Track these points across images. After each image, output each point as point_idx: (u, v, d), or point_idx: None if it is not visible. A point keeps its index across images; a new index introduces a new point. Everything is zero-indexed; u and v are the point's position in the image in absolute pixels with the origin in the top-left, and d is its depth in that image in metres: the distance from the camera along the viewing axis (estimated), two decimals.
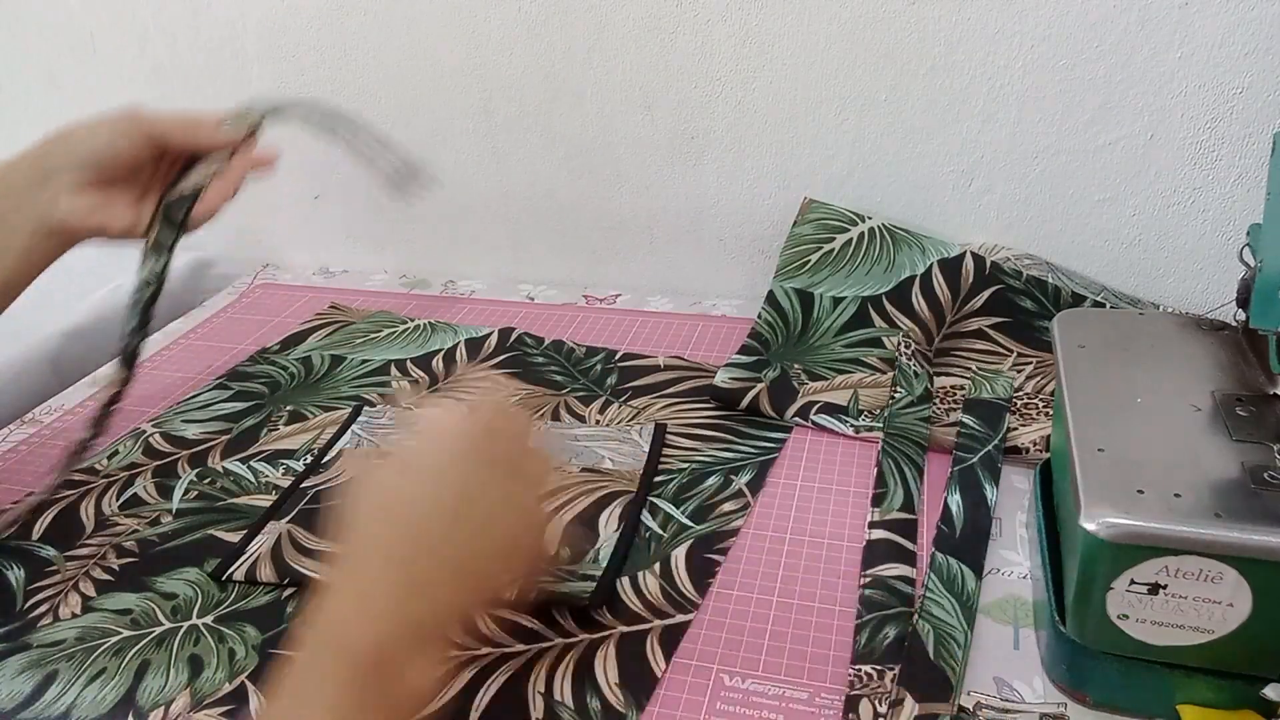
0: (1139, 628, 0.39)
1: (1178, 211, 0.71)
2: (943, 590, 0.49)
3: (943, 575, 0.50)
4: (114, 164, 0.56)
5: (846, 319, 0.73)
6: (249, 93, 0.89)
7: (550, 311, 0.85)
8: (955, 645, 0.46)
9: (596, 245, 0.89)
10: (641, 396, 0.70)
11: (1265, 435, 0.41)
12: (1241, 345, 0.48)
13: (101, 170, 0.55)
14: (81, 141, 0.56)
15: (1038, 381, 0.67)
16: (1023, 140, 0.72)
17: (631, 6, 0.76)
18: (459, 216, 0.92)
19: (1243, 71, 0.65)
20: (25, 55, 0.95)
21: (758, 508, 0.58)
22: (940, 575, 0.50)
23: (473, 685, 0.46)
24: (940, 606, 0.48)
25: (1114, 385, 0.46)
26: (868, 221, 0.76)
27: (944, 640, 0.46)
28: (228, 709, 0.46)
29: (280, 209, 0.97)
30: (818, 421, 0.65)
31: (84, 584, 0.55)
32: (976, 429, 0.61)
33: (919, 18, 0.70)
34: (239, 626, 0.51)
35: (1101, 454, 0.41)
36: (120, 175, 0.57)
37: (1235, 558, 0.37)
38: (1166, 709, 0.41)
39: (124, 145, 0.56)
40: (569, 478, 0.61)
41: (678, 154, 0.81)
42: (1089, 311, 0.55)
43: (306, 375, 0.76)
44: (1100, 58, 0.67)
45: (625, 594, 0.51)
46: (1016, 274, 0.70)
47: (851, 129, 0.76)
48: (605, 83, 0.80)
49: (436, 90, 0.85)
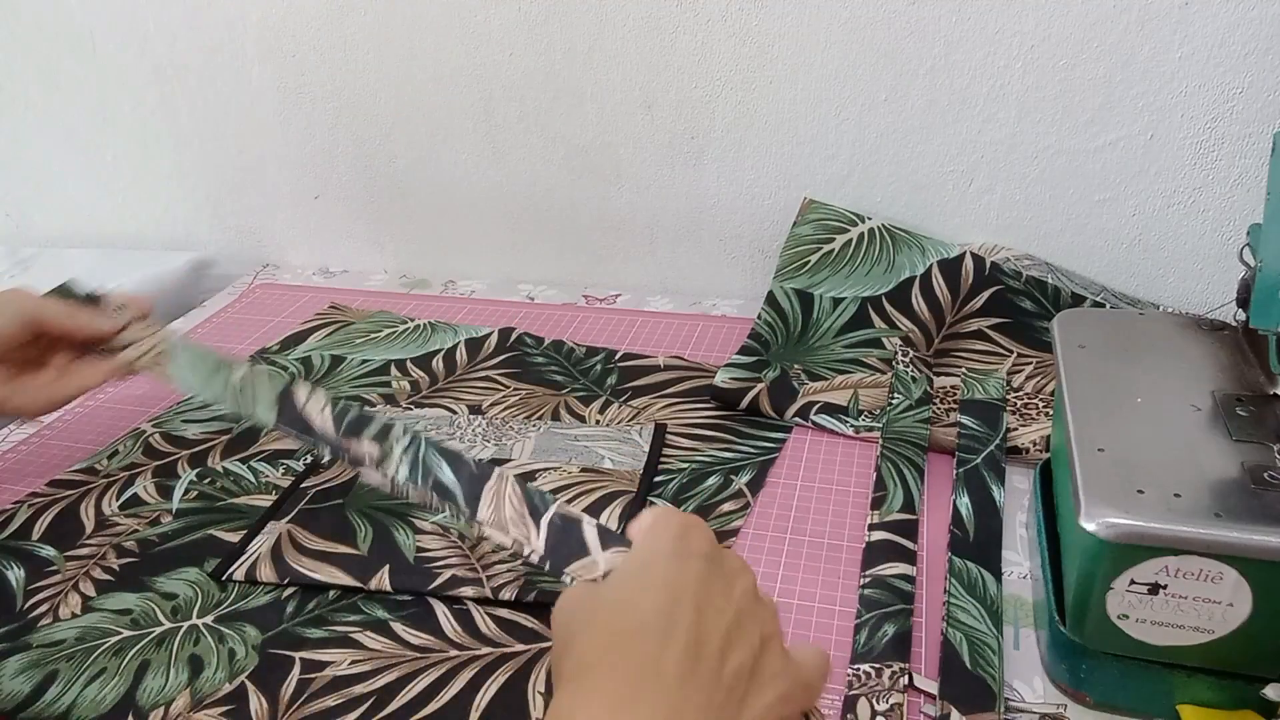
0: (1139, 628, 0.39)
1: (1178, 211, 0.71)
2: (966, 595, 0.49)
3: (963, 580, 0.50)
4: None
5: (846, 319, 0.73)
6: (249, 93, 0.90)
7: (550, 311, 0.85)
8: (990, 652, 0.45)
9: (596, 245, 0.89)
10: (641, 396, 0.70)
11: (1265, 435, 0.41)
12: (1241, 345, 0.48)
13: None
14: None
15: (1038, 381, 0.67)
16: (1023, 140, 0.72)
17: (631, 6, 0.76)
18: (459, 216, 0.92)
19: (1243, 71, 0.65)
20: (25, 55, 0.95)
21: (758, 508, 0.58)
22: (961, 580, 0.50)
23: (473, 685, 0.46)
24: (967, 613, 0.48)
25: (1114, 385, 0.46)
26: (867, 222, 0.76)
27: (978, 648, 0.45)
28: (228, 709, 0.46)
29: (280, 209, 0.97)
30: (818, 421, 0.65)
31: (84, 584, 0.55)
32: (976, 429, 0.61)
33: (919, 18, 0.70)
34: (239, 626, 0.51)
35: (1101, 454, 0.41)
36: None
37: (1235, 558, 0.37)
38: (1166, 709, 0.41)
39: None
40: (569, 477, 0.61)
41: (678, 154, 0.81)
42: (1089, 311, 0.55)
43: (306, 375, 0.76)
44: (1100, 58, 0.67)
45: None
46: (1016, 274, 0.71)
47: (851, 129, 0.76)
48: (605, 83, 0.80)
49: (436, 90, 0.85)
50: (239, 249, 1.01)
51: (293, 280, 0.97)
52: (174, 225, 1.02)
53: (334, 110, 0.89)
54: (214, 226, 1.01)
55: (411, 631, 0.50)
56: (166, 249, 1.02)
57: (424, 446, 0.47)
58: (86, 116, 0.97)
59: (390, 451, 0.48)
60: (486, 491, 0.44)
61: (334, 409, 0.51)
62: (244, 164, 0.95)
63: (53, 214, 1.07)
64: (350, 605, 0.52)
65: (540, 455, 0.63)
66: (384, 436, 0.49)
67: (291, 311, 0.88)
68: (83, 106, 0.97)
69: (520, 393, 0.71)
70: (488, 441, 0.65)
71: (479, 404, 0.70)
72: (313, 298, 0.91)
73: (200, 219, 1.01)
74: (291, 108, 0.90)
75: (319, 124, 0.90)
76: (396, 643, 0.49)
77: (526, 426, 0.67)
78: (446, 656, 0.48)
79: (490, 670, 0.47)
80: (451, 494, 0.45)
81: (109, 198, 1.03)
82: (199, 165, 0.97)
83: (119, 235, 1.05)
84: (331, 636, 0.50)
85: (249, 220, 1.00)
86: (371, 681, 0.47)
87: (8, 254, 1.02)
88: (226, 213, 1.00)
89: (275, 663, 0.48)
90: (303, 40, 0.86)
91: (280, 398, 0.53)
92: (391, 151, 0.90)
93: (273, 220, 0.98)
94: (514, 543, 0.42)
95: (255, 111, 0.91)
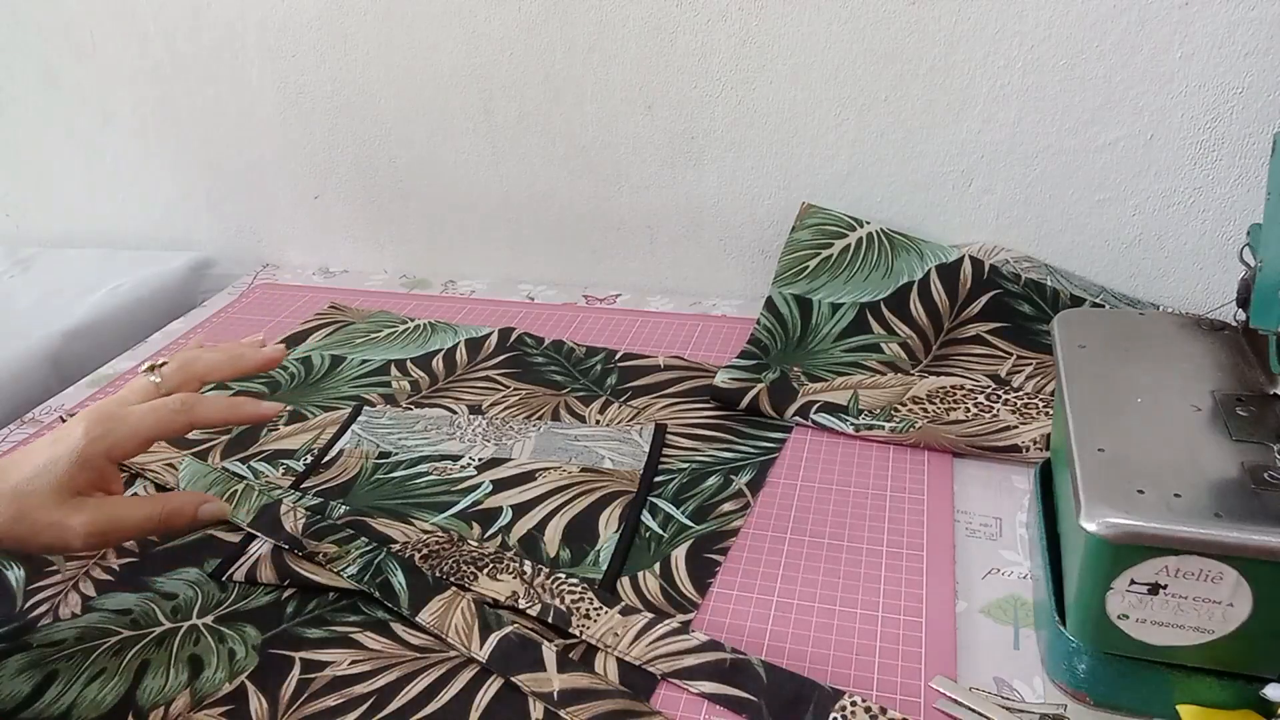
0: (1139, 628, 0.39)
1: (1178, 211, 0.71)
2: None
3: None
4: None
5: (845, 325, 0.73)
6: (249, 93, 0.90)
7: (550, 311, 0.85)
8: None
9: (596, 245, 0.89)
10: (641, 396, 0.70)
11: (1265, 435, 0.41)
12: (1241, 345, 0.48)
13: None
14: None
15: (1038, 381, 0.67)
16: (1023, 140, 0.72)
17: (631, 6, 0.76)
18: (459, 217, 0.92)
19: (1243, 71, 0.65)
20: (25, 55, 0.96)
21: (758, 508, 0.58)
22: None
23: (473, 685, 0.46)
24: None
25: (1114, 385, 0.46)
26: (866, 227, 0.76)
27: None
28: (228, 709, 0.46)
29: (280, 209, 0.97)
30: (818, 421, 0.65)
31: (84, 584, 0.55)
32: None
33: (919, 18, 0.70)
34: (239, 626, 0.51)
35: (1101, 454, 0.41)
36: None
37: (1235, 558, 0.37)
38: (1166, 709, 0.41)
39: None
40: (569, 477, 0.61)
41: (678, 154, 0.81)
42: (1089, 312, 0.55)
43: (306, 375, 0.76)
44: (1100, 58, 0.67)
45: (625, 594, 0.51)
46: (1015, 277, 0.70)
47: (851, 129, 0.76)
48: (605, 83, 0.80)
49: (436, 90, 0.85)
50: (239, 249, 1.01)
51: (293, 280, 0.97)
52: (174, 225, 1.02)
53: (334, 110, 0.89)
54: (214, 226, 1.01)
55: (411, 631, 0.50)
56: (166, 249, 1.02)
57: (384, 554, 0.53)
58: (86, 116, 0.97)
59: (347, 554, 0.54)
60: (436, 600, 0.50)
61: (307, 519, 0.56)
62: (244, 164, 0.95)
63: (53, 214, 1.07)
64: (350, 605, 0.52)
65: (540, 455, 0.63)
66: (346, 541, 0.54)
67: (291, 311, 0.88)
68: (83, 106, 0.97)
69: (520, 393, 0.71)
70: (488, 441, 0.65)
71: (479, 404, 0.70)
72: (313, 298, 0.91)
73: (200, 219, 1.01)
74: (291, 108, 0.90)
75: (319, 124, 0.90)
76: (396, 643, 0.49)
77: (526, 426, 0.67)
78: (446, 656, 0.48)
79: (490, 670, 0.47)
80: (397, 596, 0.51)
81: (109, 198, 1.03)
82: (199, 165, 0.97)
83: (119, 235, 1.05)
84: (331, 636, 0.50)
85: (249, 220, 1.00)
86: (371, 681, 0.47)
87: (8, 254, 1.02)
88: (226, 213, 1.00)
89: (275, 663, 0.48)
90: (303, 40, 0.86)
91: (263, 509, 0.57)
92: (391, 151, 0.90)
93: (273, 220, 0.99)
94: (459, 642, 0.48)
95: (255, 111, 0.91)
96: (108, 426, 0.49)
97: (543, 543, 0.55)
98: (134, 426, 0.50)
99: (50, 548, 0.48)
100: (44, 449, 0.49)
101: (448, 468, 0.63)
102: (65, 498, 0.48)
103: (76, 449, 0.48)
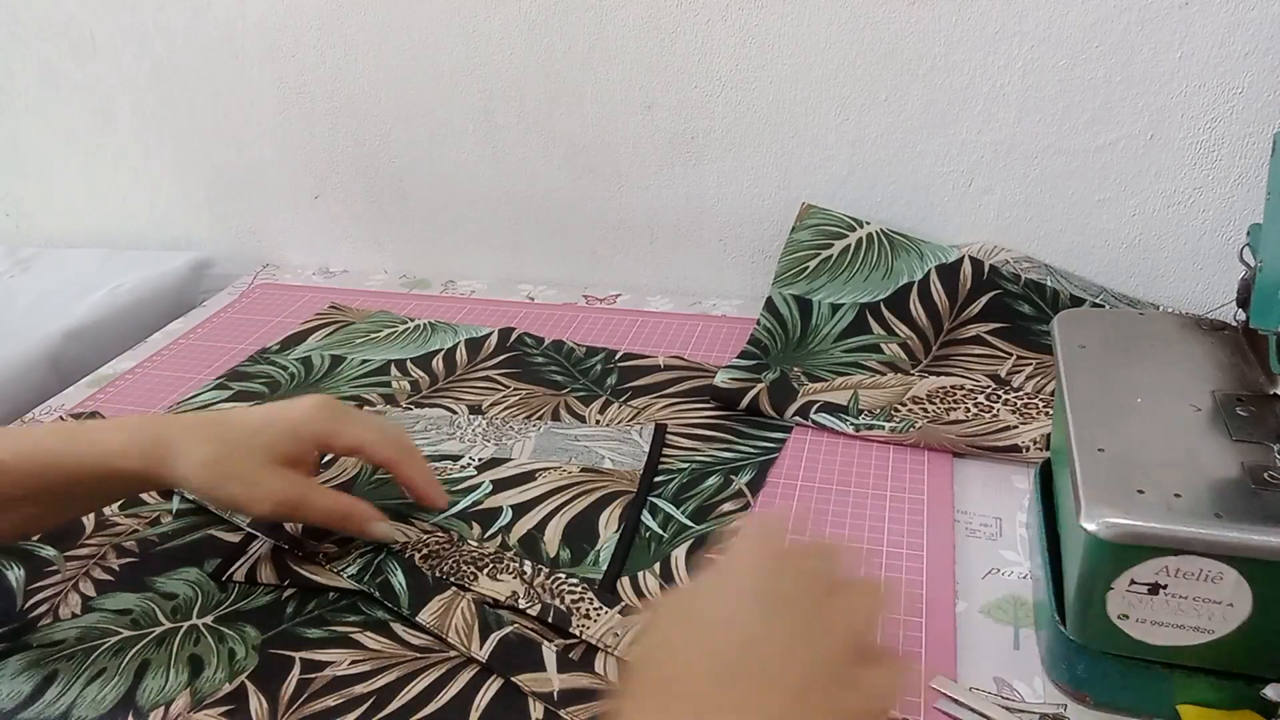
0: (1139, 628, 0.39)
1: (1178, 211, 0.71)
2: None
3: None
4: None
5: (845, 326, 0.73)
6: (249, 93, 0.90)
7: (550, 311, 0.85)
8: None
9: (596, 245, 0.89)
10: (641, 396, 0.70)
11: (1265, 435, 0.41)
12: (1241, 345, 0.48)
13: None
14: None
15: (1038, 381, 0.67)
16: (1023, 140, 0.72)
17: (631, 6, 0.76)
18: (459, 216, 0.92)
19: (1243, 71, 0.65)
20: (25, 55, 0.95)
21: (758, 508, 0.58)
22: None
23: (473, 685, 0.46)
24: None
25: (1114, 385, 0.46)
26: (865, 227, 0.76)
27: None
28: (228, 709, 0.46)
29: (280, 209, 0.97)
30: (818, 420, 0.65)
31: (84, 584, 0.55)
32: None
33: (919, 18, 0.70)
34: (239, 626, 0.51)
35: (1101, 454, 0.41)
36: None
37: (1235, 558, 0.37)
38: (1166, 709, 0.41)
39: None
40: (569, 477, 0.61)
41: (678, 154, 0.81)
42: (1089, 312, 0.55)
43: (306, 375, 0.76)
44: (1100, 58, 0.67)
45: (625, 594, 0.51)
46: (1014, 278, 0.70)
47: (851, 129, 0.76)
48: (605, 83, 0.80)
49: (436, 90, 0.85)
50: (239, 249, 1.01)
51: (293, 280, 0.97)
52: (174, 225, 1.02)
53: (334, 110, 0.89)
54: (214, 226, 1.01)
55: (411, 631, 0.50)
56: (166, 249, 1.02)
57: (384, 554, 0.53)
58: (86, 116, 0.97)
59: (347, 553, 0.54)
60: (436, 600, 0.50)
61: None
62: (244, 164, 0.95)
63: (53, 214, 1.07)
64: (350, 605, 0.52)
65: (540, 455, 0.63)
66: (345, 541, 0.55)
67: (291, 311, 0.88)
68: (83, 106, 0.97)
69: (520, 393, 0.71)
70: (488, 441, 0.65)
71: (479, 404, 0.70)
72: (313, 298, 0.91)
73: (200, 219, 1.01)
74: (291, 108, 0.90)
75: (319, 124, 0.90)
76: (396, 643, 0.49)
77: (526, 426, 0.67)
78: (446, 657, 0.48)
79: (490, 670, 0.47)
80: (397, 596, 0.50)
81: (109, 198, 1.03)
82: (199, 165, 0.97)
83: (119, 235, 1.05)
84: (331, 636, 0.50)
85: (249, 220, 1.00)
86: (371, 681, 0.47)
87: (8, 254, 1.02)
88: (226, 213, 1.00)
89: (275, 663, 0.48)
90: (303, 40, 0.86)
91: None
92: (391, 151, 0.90)
93: (273, 220, 0.99)
94: (459, 642, 0.48)
95: (255, 111, 0.91)
96: (335, 412, 0.51)
97: (543, 543, 0.55)
98: (359, 421, 0.52)
99: (234, 501, 0.49)
100: (262, 411, 0.50)
101: (448, 468, 0.63)
102: (269, 460, 0.49)
103: (299, 419, 0.49)
